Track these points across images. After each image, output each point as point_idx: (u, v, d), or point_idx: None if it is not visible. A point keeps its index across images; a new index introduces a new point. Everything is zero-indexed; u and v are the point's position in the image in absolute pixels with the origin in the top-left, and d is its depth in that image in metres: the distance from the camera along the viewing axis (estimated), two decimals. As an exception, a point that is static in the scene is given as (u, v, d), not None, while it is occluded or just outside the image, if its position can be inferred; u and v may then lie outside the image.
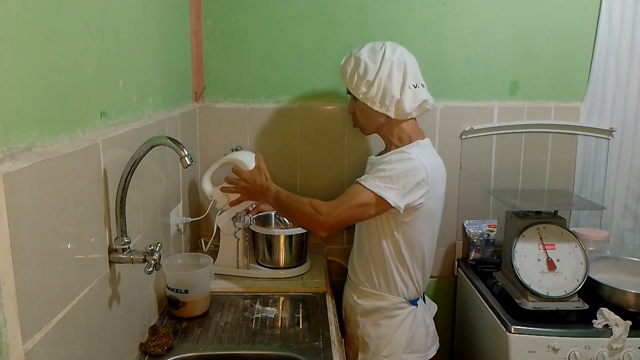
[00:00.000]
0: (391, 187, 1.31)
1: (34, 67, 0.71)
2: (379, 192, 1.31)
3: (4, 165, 0.63)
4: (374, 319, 1.46)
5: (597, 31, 1.77)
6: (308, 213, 1.36)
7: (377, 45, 1.43)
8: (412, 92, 1.39)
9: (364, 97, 1.41)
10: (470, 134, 1.84)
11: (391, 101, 1.39)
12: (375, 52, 1.41)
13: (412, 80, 1.39)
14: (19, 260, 0.66)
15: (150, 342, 1.16)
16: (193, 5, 1.69)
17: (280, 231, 1.62)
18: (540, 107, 1.84)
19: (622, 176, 1.84)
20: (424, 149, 1.41)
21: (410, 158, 1.33)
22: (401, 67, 1.39)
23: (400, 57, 1.39)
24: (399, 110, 1.39)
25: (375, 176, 1.34)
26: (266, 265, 1.64)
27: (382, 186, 1.32)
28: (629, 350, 1.38)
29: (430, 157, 1.40)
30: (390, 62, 1.38)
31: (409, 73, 1.39)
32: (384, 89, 1.38)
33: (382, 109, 1.40)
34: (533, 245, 1.51)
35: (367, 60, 1.40)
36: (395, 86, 1.38)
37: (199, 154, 1.82)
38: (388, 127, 1.45)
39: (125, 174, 0.96)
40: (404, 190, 1.31)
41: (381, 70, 1.38)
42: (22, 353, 0.67)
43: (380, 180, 1.32)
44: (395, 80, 1.38)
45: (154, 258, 1.01)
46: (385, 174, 1.33)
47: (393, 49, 1.40)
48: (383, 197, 1.31)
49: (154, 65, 1.29)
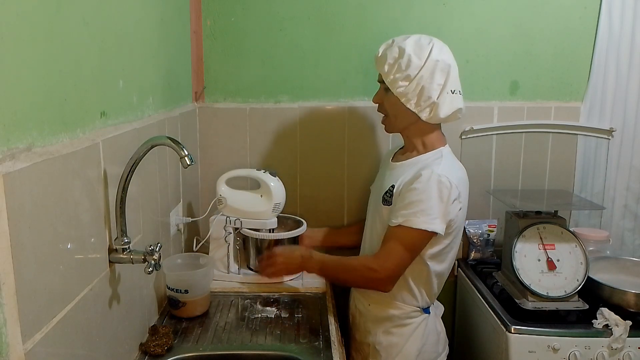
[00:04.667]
0: (435, 217, 1.26)
1: (34, 67, 0.71)
2: (428, 227, 1.26)
3: (4, 165, 0.63)
4: (385, 327, 1.41)
5: (597, 31, 1.77)
6: (363, 276, 1.32)
7: (425, 39, 1.34)
8: (450, 97, 1.32)
9: (400, 92, 1.33)
10: (470, 134, 1.84)
11: (427, 102, 1.31)
12: (421, 47, 1.32)
13: (452, 85, 1.32)
14: (19, 260, 0.66)
15: (150, 342, 1.16)
16: (193, 5, 1.69)
17: (270, 235, 1.58)
18: (540, 107, 1.84)
19: (622, 176, 1.84)
20: (448, 160, 1.35)
21: (441, 181, 1.26)
22: (445, 70, 1.31)
23: (446, 59, 1.32)
24: (433, 114, 1.32)
25: (414, 211, 1.26)
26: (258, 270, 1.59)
27: (429, 220, 1.25)
28: (629, 350, 1.38)
29: (456, 169, 1.35)
30: (435, 62, 1.30)
31: (452, 77, 1.32)
32: (423, 88, 1.30)
33: (416, 109, 1.33)
34: (533, 245, 1.51)
35: (412, 54, 1.30)
36: (435, 88, 1.30)
37: (199, 154, 1.82)
38: (415, 129, 1.39)
39: (125, 174, 0.96)
40: (446, 215, 1.27)
41: (425, 68, 1.30)
42: (22, 353, 0.67)
43: (423, 214, 1.25)
44: (437, 82, 1.30)
45: (154, 258, 1.01)
46: (425, 205, 1.26)
47: (440, 48, 1.33)
48: (433, 231, 1.26)
49: (154, 65, 1.29)
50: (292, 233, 1.59)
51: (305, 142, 1.84)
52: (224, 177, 1.60)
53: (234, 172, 1.62)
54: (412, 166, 1.37)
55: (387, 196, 1.38)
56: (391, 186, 1.38)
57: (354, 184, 1.85)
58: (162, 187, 1.33)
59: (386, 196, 1.38)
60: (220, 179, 1.60)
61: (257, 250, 1.60)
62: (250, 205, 1.57)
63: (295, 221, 1.70)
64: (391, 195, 1.36)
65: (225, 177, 1.60)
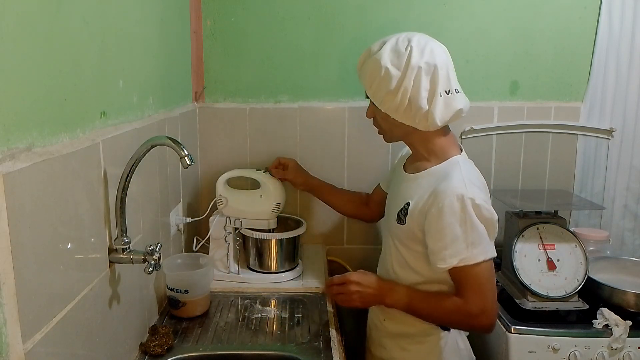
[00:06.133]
0: (489, 242, 1.16)
1: (34, 67, 0.71)
2: (491, 255, 1.16)
3: (4, 165, 0.63)
4: (401, 344, 1.32)
5: (597, 31, 1.77)
6: (460, 320, 1.21)
7: (401, 43, 1.18)
8: (444, 100, 1.18)
9: (386, 108, 1.21)
10: (470, 134, 1.84)
11: (418, 113, 1.18)
12: (398, 54, 1.17)
13: (443, 86, 1.17)
14: (19, 260, 0.66)
15: (150, 342, 1.16)
16: (193, 5, 1.69)
17: (270, 235, 1.58)
18: (540, 107, 1.84)
19: (622, 176, 1.84)
20: (467, 171, 1.21)
21: (477, 204, 1.13)
22: (430, 72, 1.16)
23: (429, 59, 1.16)
24: (429, 122, 1.19)
25: (469, 244, 1.13)
26: (257, 270, 1.60)
27: (488, 248, 1.15)
28: (629, 350, 1.38)
29: (479, 185, 1.22)
30: (417, 69, 1.15)
31: (440, 78, 1.17)
32: (410, 99, 1.17)
33: (408, 121, 1.21)
34: (533, 245, 1.51)
35: (389, 66, 1.17)
36: (423, 96, 1.16)
37: (199, 154, 1.82)
38: (417, 138, 1.26)
39: (125, 174, 0.96)
40: (492, 234, 1.18)
41: (406, 78, 1.16)
42: (22, 353, 0.67)
43: (473, 246, 1.14)
44: (424, 89, 1.16)
45: (154, 258, 1.01)
46: (476, 234, 1.14)
47: (421, 50, 1.17)
48: (493, 257, 1.17)
49: (154, 65, 1.29)
50: (292, 233, 1.59)
51: (305, 142, 1.84)
52: (224, 177, 1.60)
53: (234, 172, 1.62)
54: (426, 180, 1.24)
55: (401, 214, 1.26)
56: (406, 203, 1.25)
57: (354, 183, 1.85)
58: (162, 187, 1.33)
59: (401, 214, 1.26)
60: (220, 179, 1.60)
61: (257, 250, 1.59)
62: (250, 205, 1.57)
63: (295, 221, 1.70)
64: (406, 214, 1.24)
65: (225, 177, 1.60)
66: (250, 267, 1.62)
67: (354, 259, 1.89)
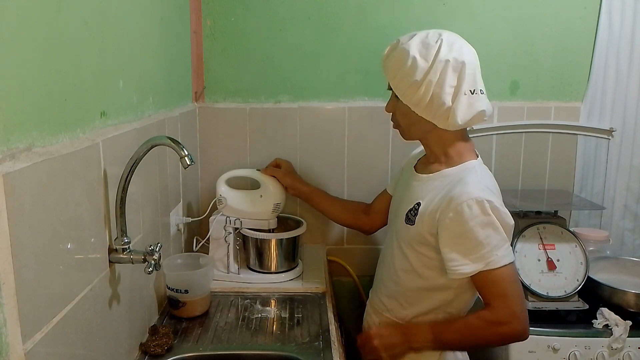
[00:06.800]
0: (508, 245, 1.14)
1: (33, 67, 0.71)
2: (512, 258, 1.14)
3: (4, 165, 0.63)
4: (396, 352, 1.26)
5: (597, 31, 1.77)
6: (493, 333, 1.16)
7: (432, 37, 1.17)
8: (468, 99, 1.15)
9: (408, 100, 1.19)
10: (470, 134, 1.82)
11: (441, 109, 1.16)
12: (428, 46, 1.15)
13: (469, 84, 1.15)
14: (19, 260, 0.66)
15: (150, 342, 1.16)
16: (193, 5, 1.69)
17: (270, 235, 1.57)
18: (540, 107, 1.83)
19: (622, 176, 1.84)
20: (483, 177, 1.20)
21: (496, 207, 1.12)
22: (457, 68, 1.14)
23: (458, 55, 1.15)
24: (449, 120, 1.16)
25: (493, 247, 1.12)
26: (257, 270, 1.59)
27: (510, 251, 1.14)
28: (629, 350, 1.38)
29: (495, 191, 1.20)
30: (444, 62, 1.13)
31: (467, 76, 1.15)
32: (434, 94, 1.15)
33: (428, 117, 1.18)
34: (533, 245, 1.51)
35: (417, 56, 1.15)
36: (447, 91, 1.14)
37: (199, 154, 1.82)
38: (435, 138, 1.24)
39: (125, 174, 0.96)
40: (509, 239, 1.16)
41: (433, 70, 1.14)
42: (22, 353, 0.67)
43: (497, 249, 1.12)
44: (448, 85, 1.14)
45: (154, 258, 1.01)
46: (499, 236, 1.12)
47: (450, 45, 1.15)
48: (514, 260, 1.16)
49: (154, 65, 1.29)
50: (292, 233, 1.59)
51: (305, 142, 1.84)
52: (224, 177, 1.60)
53: (234, 172, 1.62)
54: (439, 182, 1.22)
55: (411, 214, 1.23)
56: (417, 204, 1.23)
57: (354, 183, 1.85)
58: (162, 187, 1.33)
59: (410, 214, 1.24)
60: (220, 179, 1.60)
61: (257, 250, 1.59)
62: (250, 205, 1.57)
63: (295, 221, 1.70)
64: (415, 215, 1.22)
65: (225, 177, 1.60)
66: (250, 267, 1.62)
67: (354, 259, 1.89)
